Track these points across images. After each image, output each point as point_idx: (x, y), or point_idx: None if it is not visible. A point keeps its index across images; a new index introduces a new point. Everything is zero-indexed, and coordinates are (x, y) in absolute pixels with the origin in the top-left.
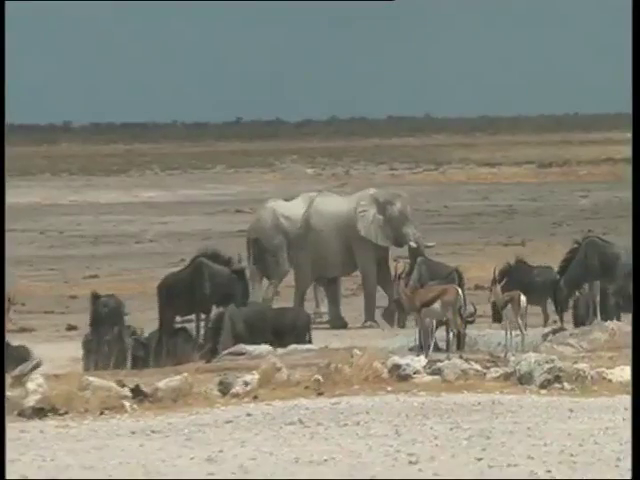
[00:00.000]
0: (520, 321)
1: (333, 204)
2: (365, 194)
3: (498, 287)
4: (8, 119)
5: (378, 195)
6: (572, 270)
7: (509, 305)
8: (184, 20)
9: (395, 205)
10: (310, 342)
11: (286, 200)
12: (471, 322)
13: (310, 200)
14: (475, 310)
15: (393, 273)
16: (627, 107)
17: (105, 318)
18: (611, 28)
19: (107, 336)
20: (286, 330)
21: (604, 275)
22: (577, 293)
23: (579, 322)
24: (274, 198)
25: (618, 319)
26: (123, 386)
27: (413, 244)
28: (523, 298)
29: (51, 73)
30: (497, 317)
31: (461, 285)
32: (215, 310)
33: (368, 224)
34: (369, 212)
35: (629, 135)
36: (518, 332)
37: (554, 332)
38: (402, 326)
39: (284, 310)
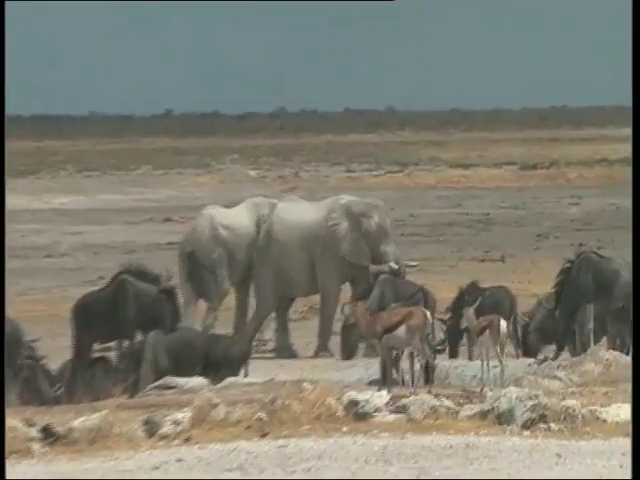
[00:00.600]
0: (499, 350)
1: (298, 211)
2: (336, 203)
3: (471, 310)
4: None
5: (352, 205)
6: (567, 296)
7: (486, 331)
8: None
9: (372, 218)
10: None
11: (227, 207)
12: (441, 351)
13: (270, 207)
14: (446, 337)
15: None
16: (625, 99)
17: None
18: (605, 13)
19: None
20: (218, 362)
21: (599, 297)
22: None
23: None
24: (212, 204)
25: (622, 348)
26: (31, 426)
27: (394, 265)
28: (503, 323)
29: None
30: (453, 351)
31: (429, 307)
32: (139, 337)
33: (339, 238)
34: (341, 226)
35: (627, 131)
36: (496, 363)
37: (539, 363)
38: (349, 356)
39: (219, 338)
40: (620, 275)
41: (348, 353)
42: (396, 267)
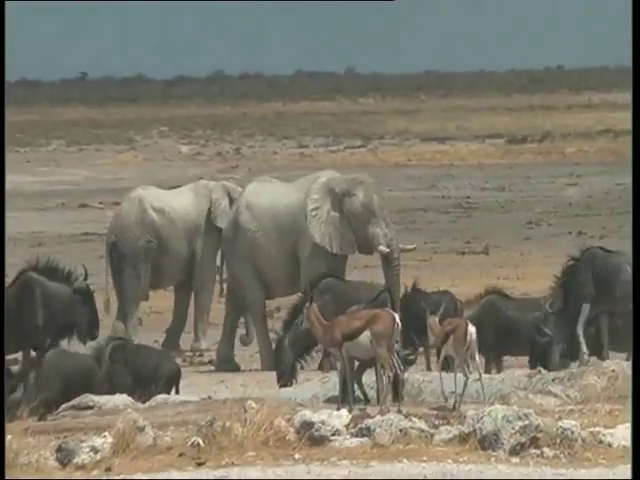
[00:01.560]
0: (470, 360)
1: (270, 194)
2: (317, 182)
3: (430, 319)
4: None
5: (333, 183)
6: (572, 301)
7: (450, 338)
8: None
9: (356, 196)
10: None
11: (165, 189)
12: (411, 362)
13: (223, 190)
14: (417, 345)
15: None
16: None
17: None
18: None
19: None
20: (142, 379)
21: (598, 297)
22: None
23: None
24: (144, 185)
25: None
26: None
27: (384, 248)
28: (471, 329)
29: None
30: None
31: (396, 310)
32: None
33: (320, 225)
34: (322, 209)
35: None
36: (476, 376)
37: (530, 376)
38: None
39: (143, 350)
40: (620, 271)
41: (284, 375)
42: (387, 250)
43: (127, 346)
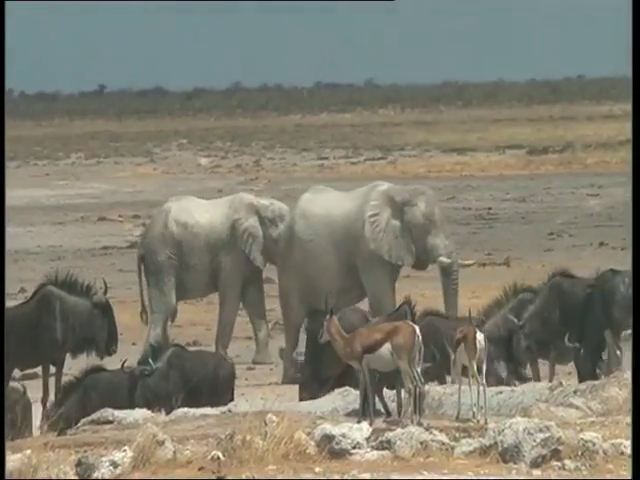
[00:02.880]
0: (475, 369)
1: (326, 203)
2: (376, 190)
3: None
4: None
5: (393, 192)
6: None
7: (461, 346)
8: None
9: (417, 206)
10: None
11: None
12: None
13: (253, 206)
14: (437, 357)
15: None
16: None
17: None
18: None
19: None
20: (199, 383)
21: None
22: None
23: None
24: (181, 196)
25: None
26: None
27: (445, 259)
28: (480, 336)
29: None
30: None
31: (417, 322)
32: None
33: (379, 233)
34: (382, 216)
35: None
36: (502, 388)
37: (551, 388)
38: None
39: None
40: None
41: (312, 389)
42: (448, 262)
43: (184, 352)
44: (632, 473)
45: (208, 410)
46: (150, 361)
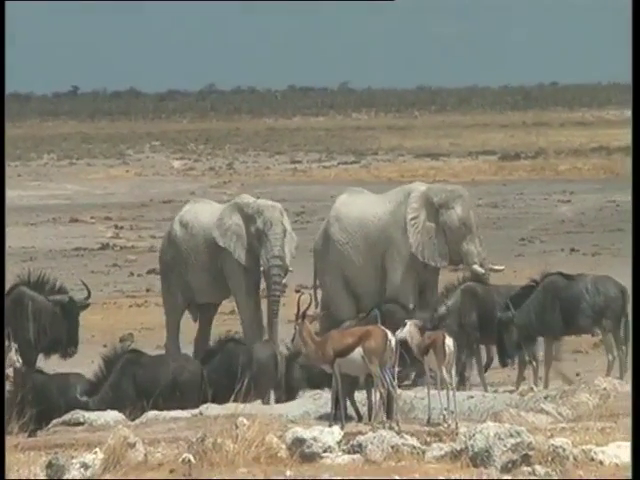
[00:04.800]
0: (446, 374)
1: (362, 206)
2: (416, 191)
3: (411, 326)
4: None
5: (431, 193)
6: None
7: (430, 351)
8: None
9: (454, 209)
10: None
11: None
12: (403, 378)
13: (236, 207)
14: (408, 361)
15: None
16: (626, 76)
17: None
18: None
19: None
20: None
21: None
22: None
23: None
24: (197, 198)
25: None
26: None
27: (479, 269)
28: (449, 341)
29: None
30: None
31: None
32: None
33: (416, 234)
34: (419, 218)
35: (629, 114)
36: (473, 393)
37: (522, 394)
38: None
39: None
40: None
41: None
42: (482, 271)
43: (140, 359)
44: (632, 473)
45: (179, 413)
46: None
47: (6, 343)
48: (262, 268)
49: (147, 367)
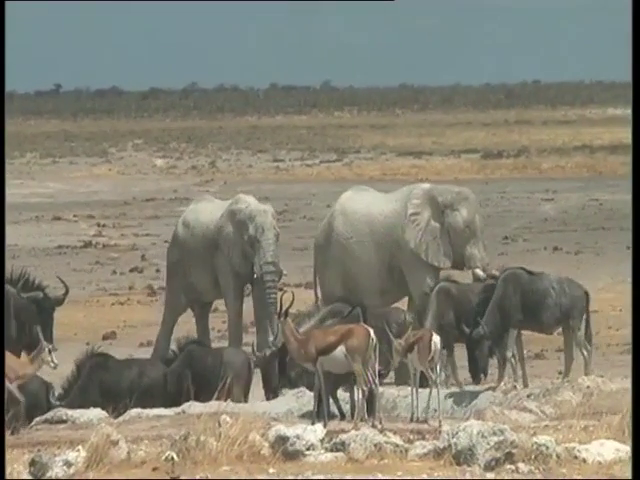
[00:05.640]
0: (431, 372)
1: (368, 203)
2: (418, 190)
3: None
4: None
5: (436, 192)
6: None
7: (415, 348)
8: None
9: (459, 212)
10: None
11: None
12: (384, 376)
13: (231, 214)
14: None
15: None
16: (608, 75)
17: None
18: None
19: None
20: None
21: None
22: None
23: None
24: (200, 197)
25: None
26: None
27: (481, 273)
28: (436, 338)
29: None
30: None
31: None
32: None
33: (418, 232)
34: (422, 216)
35: (612, 112)
36: (454, 390)
37: (505, 392)
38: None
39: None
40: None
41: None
42: (484, 276)
43: (107, 362)
44: (632, 473)
45: (162, 411)
46: None
47: (43, 344)
48: (255, 275)
49: (113, 371)
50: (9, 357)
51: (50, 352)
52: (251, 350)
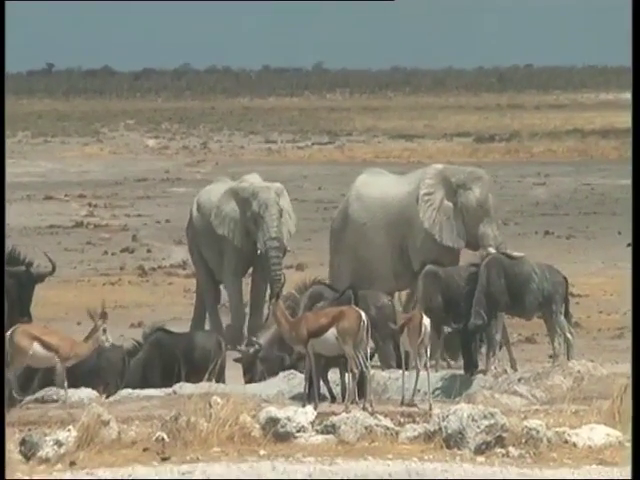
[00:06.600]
0: (419, 355)
1: (381, 186)
2: (431, 170)
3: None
4: None
5: (449, 172)
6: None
7: (405, 330)
8: None
9: (472, 191)
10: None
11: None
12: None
13: (231, 193)
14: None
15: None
16: (601, 59)
17: None
18: None
19: None
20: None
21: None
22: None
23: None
24: (221, 177)
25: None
26: None
27: (493, 252)
28: (425, 321)
29: None
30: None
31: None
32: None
33: (432, 212)
34: (435, 195)
35: (604, 97)
36: (444, 373)
37: (496, 376)
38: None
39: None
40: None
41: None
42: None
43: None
44: (632, 473)
45: (153, 391)
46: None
47: (98, 323)
48: (259, 251)
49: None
50: (62, 336)
51: (105, 332)
52: (245, 339)
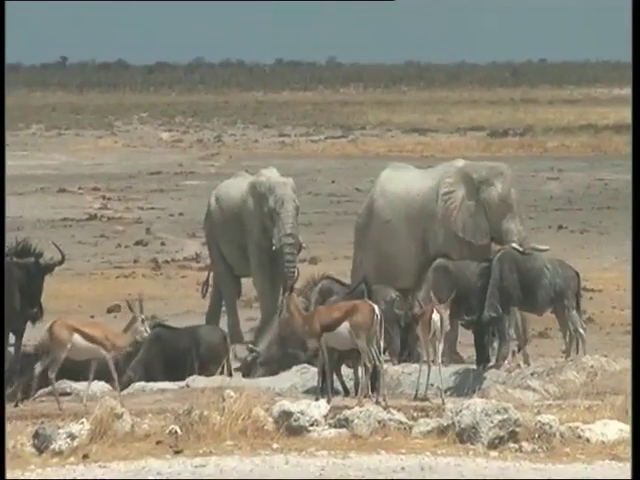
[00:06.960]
0: (431, 348)
1: (405, 181)
2: (451, 168)
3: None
4: None
5: (470, 169)
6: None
7: (419, 324)
8: None
9: (494, 186)
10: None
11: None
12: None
13: (252, 186)
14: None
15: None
16: (614, 54)
17: None
18: None
19: None
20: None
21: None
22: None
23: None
24: (240, 172)
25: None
26: None
27: (517, 247)
28: (435, 316)
29: None
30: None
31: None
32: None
33: (453, 211)
34: (456, 194)
35: (617, 92)
36: (458, 368)
37: (509, 370)
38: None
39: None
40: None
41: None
42: (520, 250)
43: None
44: (632, 473)
45: (166, 384)
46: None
47: (137, 314)
48: (274, 247)
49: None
50: (103, 328)
51: (143, 322)
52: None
